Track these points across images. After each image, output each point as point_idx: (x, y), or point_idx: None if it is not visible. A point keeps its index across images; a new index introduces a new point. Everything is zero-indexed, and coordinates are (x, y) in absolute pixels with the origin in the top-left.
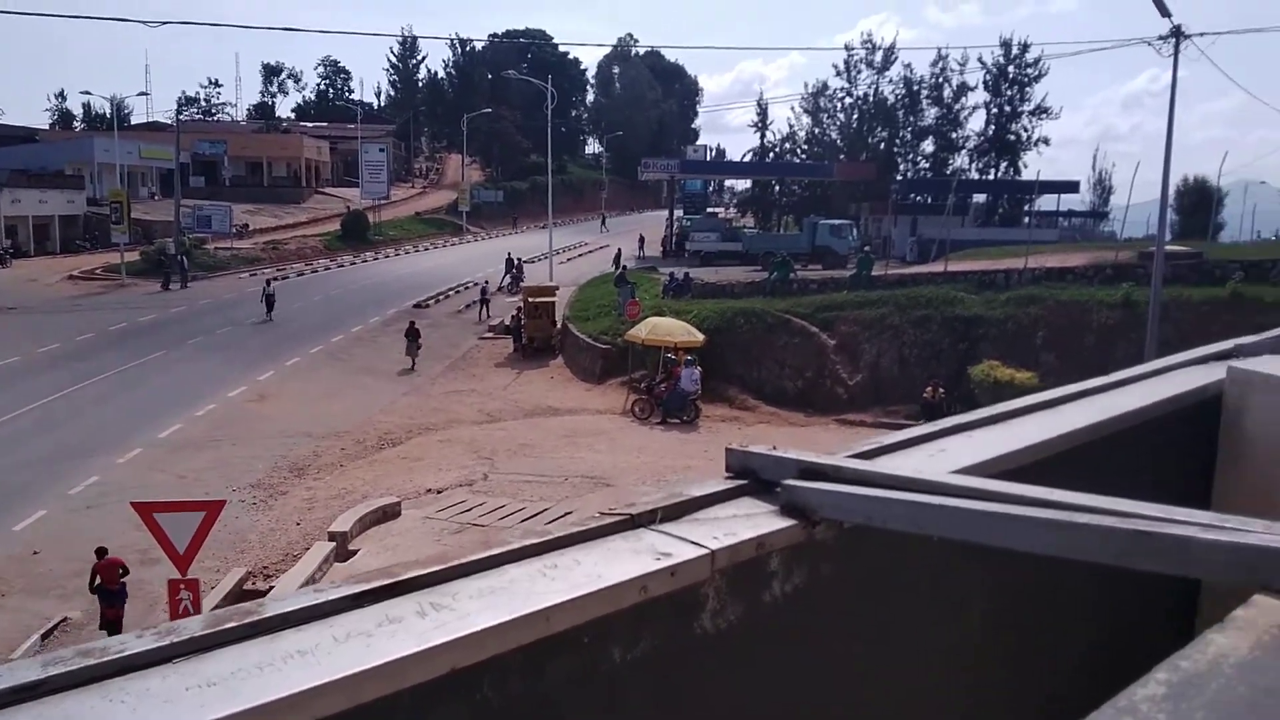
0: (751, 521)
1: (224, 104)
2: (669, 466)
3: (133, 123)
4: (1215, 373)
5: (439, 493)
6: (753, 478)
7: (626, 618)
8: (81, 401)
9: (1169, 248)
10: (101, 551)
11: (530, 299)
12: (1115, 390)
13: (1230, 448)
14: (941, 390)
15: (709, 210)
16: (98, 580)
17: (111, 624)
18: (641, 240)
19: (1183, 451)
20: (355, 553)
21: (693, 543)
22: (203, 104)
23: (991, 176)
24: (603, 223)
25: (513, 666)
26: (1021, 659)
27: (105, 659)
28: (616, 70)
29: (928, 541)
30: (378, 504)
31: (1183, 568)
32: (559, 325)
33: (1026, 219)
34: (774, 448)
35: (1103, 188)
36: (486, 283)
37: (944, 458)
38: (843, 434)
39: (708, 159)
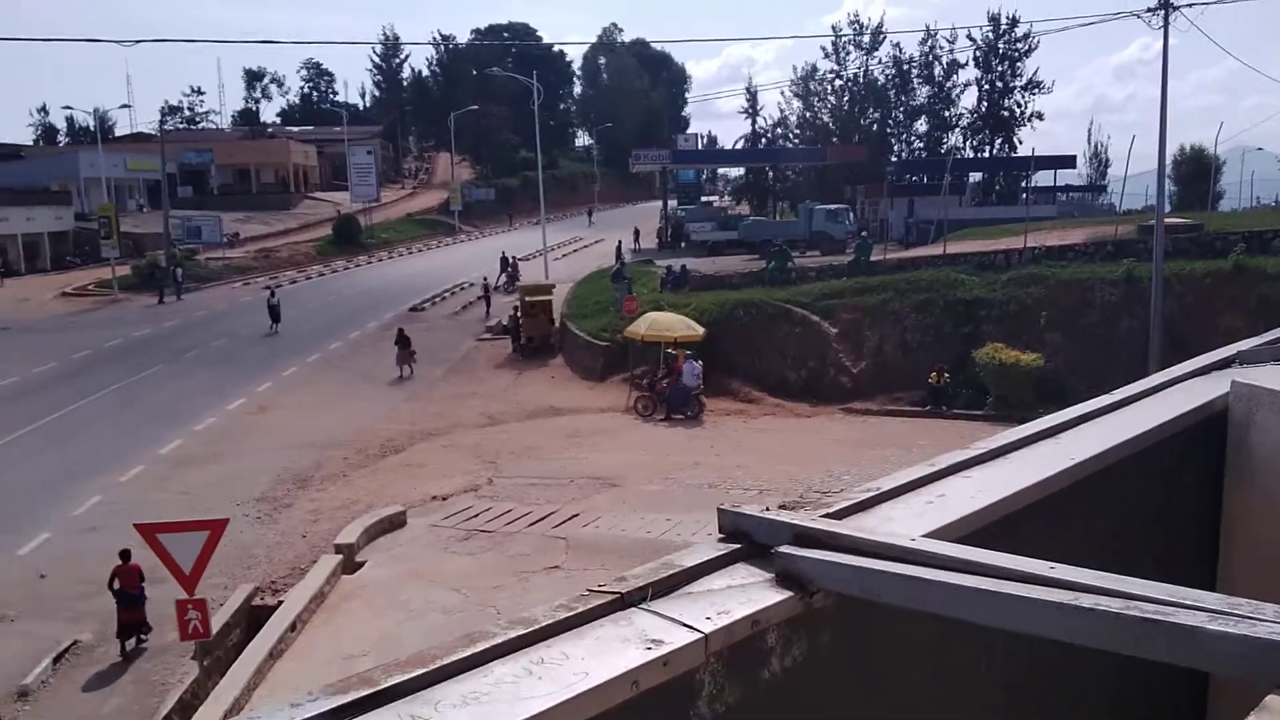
0: (746, 594)
1: (208, 111)
2: (675, 464)
3: (117, 134)
4: (1219, 385)
5: (444, 499)
6: (746, 541)
7: (617, 714)
8: (80, 420)
9: (1168, 220)
10: (125, 555)
11: (527, 298)
12: (1117, 411)
13: (1238, 466)
14: (946, 375)
15: (703, 199)
16: (117, 584)
17: (132, 627)
18: (637, 233)
19: (1190, 473)
20: (363, 564)
21: (685, 625)
22: (186, 113)
23: (986, 154)
24: (590, 216)
25: None
26: None
27: None
28: (603, 61)
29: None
30: (383, 513)
31: (1190, 660)
32: (557, 324)
33: (1024, 195)
34: (766, 508)
35: (1099, 160)
36: (486, 279)
37: (944, 505)
38: (850, 424)
39: (699, 147)
